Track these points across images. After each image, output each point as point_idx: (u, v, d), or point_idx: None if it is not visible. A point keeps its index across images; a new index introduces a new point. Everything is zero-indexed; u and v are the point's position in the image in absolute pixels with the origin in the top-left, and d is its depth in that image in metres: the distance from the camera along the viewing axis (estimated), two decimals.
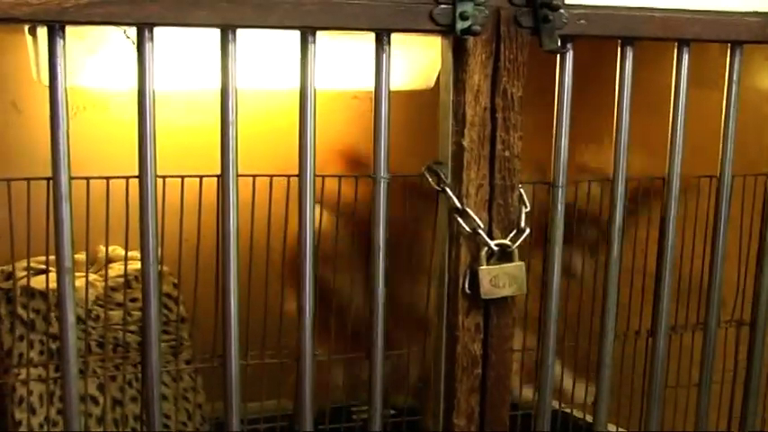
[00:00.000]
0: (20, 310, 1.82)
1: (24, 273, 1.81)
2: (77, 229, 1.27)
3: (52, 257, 1.26)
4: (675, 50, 1.47)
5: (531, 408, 1.51)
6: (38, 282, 1.81)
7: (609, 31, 1.39)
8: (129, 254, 1.90)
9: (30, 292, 1.81)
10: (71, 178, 1.21)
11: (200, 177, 1.32)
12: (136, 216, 1.24)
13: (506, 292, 1.37)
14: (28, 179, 1.27)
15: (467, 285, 1.36)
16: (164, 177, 1.25)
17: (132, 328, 1.88)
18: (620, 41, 1.42)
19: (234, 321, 1.29)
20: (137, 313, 1.89)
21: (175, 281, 1.98)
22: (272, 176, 1.42)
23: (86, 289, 1.70)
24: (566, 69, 1.39)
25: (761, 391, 1.66)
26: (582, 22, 1.36)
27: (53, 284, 1.58)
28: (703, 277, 1.59)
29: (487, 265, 1.35)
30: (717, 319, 1.58)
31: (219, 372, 1.32)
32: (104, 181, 1.33)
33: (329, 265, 1.66)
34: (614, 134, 1.45)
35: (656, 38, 1.44)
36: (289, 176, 1.34)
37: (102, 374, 1.82)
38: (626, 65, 1.43)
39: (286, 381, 1.58)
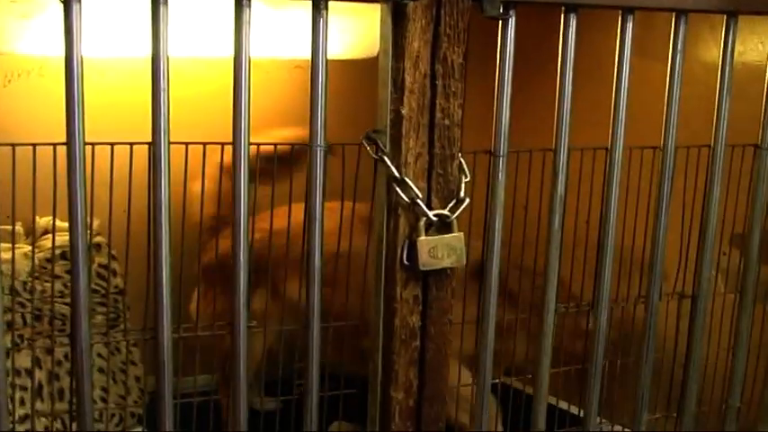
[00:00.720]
0: None
1: None
2: (5, 200, 1.23)
3: None
4: (619, 18, 1.44)
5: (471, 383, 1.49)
6: None
7: None
8: (62, 224, 1.86)
9: None
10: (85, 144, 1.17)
11: (131, 144, 1.27)
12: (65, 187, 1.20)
13: (445, 263, 1.34)
14: None
15: (405, 257, 1.33)
16: (92, 144, 1.20)
17: (67, 299, 1.83)
18: (563, 8, 1.39)
19: (165, 293, 1.26)
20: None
21: (114, 252, 1.94)
22: (205, 144, 1.38)
23: (12, 260, 1.65)
24: (507, 36, 1.36)
25: (701, 364, 1.65)
26: None
27: None
28: (645, 250, 1.57)
29: (426, 235, 1.32)
30: (659, 291, 1.57)
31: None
32: (31, 148, 1.28)
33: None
34: (557, 103, 1.42)
35: (601, 5, 1.42)
36: (222, 144, 1.29)
37: (33, 346, 1.78)
38: (569, 33, 1.40)
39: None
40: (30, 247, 1.88)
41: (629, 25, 1.44)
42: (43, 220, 1.92)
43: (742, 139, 1.60)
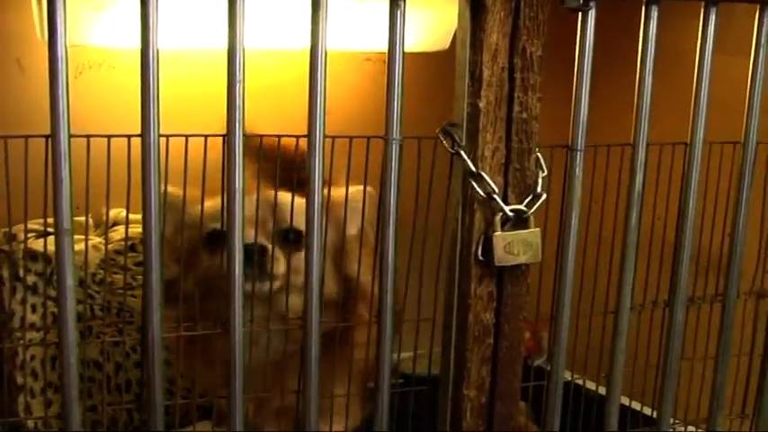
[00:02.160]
0: (21, 273, 1.78)
1: (24, 235, 1.76)
2: (78, 192, 1.22)
3: (51, 219, 1.21)
4: (702, 11, 1.40)
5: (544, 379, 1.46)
6: (38, 244, 1.77)
7: None
8: (133, 216, 1.85)
9: (31, 255, 1.76)
10: (70, 136, 1.15)
11: (205, 137, 1.25)
12: (138, 178, 1.19)
13: (521, 259, 1.31)
14: (26, 136, 1.21)
15: (480, 252, 1.31)
16: (167, 136, 1.19)
17: (136, 292, 1.83)
18: (644, 1, 1.36)
19: (238, 287, 1.24)
20: (141, 277, 1.84)
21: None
22: (279, 136, 1.36)
23: (86, 252, 1.64)
24: (587, 28, 1.32)
25: None
26: None
27: (53, 247, 1.54)
28: (723, 247, 1.53)
29: (502, 231, 1.30)
30: (736, 290, 1.53)
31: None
32: (106, 140, 1.26)
33: None
34: (636, 97, 1.39)
35: None
36: (297, 137, 1.27)
37: (104, 338, 1.77)
38: (650, 25, 1.36)
39: None
40: (99, 239, 1.88)
41: (713, 18, 1.40)
42: (112, 212, 1.91)
43: None
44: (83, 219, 1.71)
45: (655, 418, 1.54)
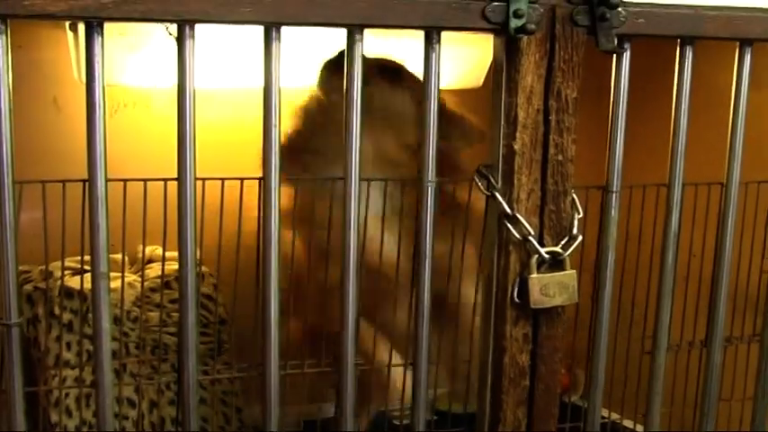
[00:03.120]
0: (56, 311, 1.78)
1: (61, 273, 1.76)
2: (114, 229, 1.22)
3: (88, 257, 1.21)
4: (737, 50, 1.40)
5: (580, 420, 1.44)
6: (74, 282, 1.77)
7: (669, 30, 1.32)
8: (168, 254, 1.86)
9: (67, 293, 1.76)
10: (107, 180, 1.16)
11: (241, 180, 1.26)
12: (173, 216, 1.19)
13: (557, 301, 1.30)
14: (63, 181, 1.22)
15: (515, 294, 1.30)
16: (203, 180, 1.20)
17: (171, 329, 1.83)
18: (679, 41, 1.35)
19: (274, 331, 1.24)
20: (176, 315, 1.84)
21: (215, 282, 1.93)
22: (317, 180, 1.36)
23: (122, 290, 1.65)
24: (622, 70, 1.32)
25: None
26: (641, 20, 1.29)
27: (89, 285, 1.55)
28: (761, 286, 1.52)
29: (538, 273, 1.29)
30: None
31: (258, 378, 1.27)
32: (142, 182, 1.27)
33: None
34: (671, 137, 1.38)
35: (718, 37, 1.37)
36: (334, 179, 1.27)
37: (139, 378, 1.77)
38: (685, 65, 1.36)
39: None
40: (134, 276, 1.88)
41: (747, 57, 1.40)
42: (147, 249, 1.92)
43: None
44: (118, 256, 1.72)
45: None
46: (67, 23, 1.62)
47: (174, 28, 1.51)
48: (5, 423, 1.22)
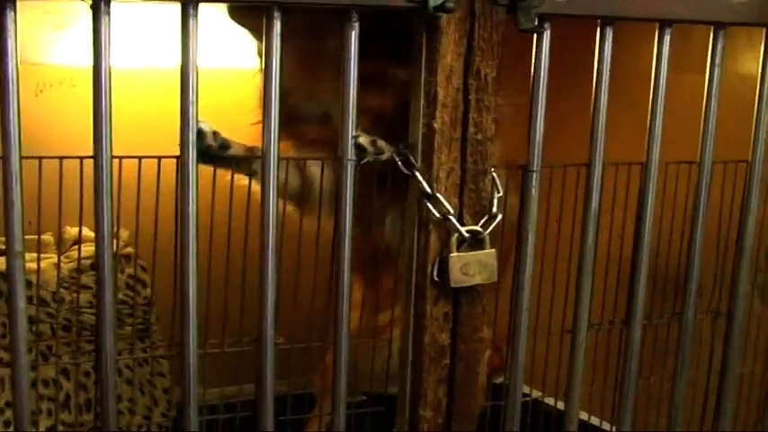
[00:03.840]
0: None
1: None
2: (34, 211, 1.21)
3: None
4: (657, 32, 1.40)
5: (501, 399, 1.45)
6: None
7: (589, 10, 1.33)
8: (87, 234, 1.84)
9: None
10: (22, 157, 1.14)
11: (159, 158, 1.24)
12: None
13: (477, 280, 1.30)
14: None
15: (435, 273, 1.29)
16: (120, 158, 1.18)
17: (94, 311, 1.81)
18: (599, 21, 1.35)
19: (192, 310, 1.23)
20: None
21: (144, 264, 1.91)
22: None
23: (38, 271, 1.63)
24: (542, 50, 1.32)
25: (736, 381, 1.60)
26: (561, 1, 1.29)
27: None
28: (680, 266, 1.53)
29: (458, 252, 1.28)
30: (694, 309, 1.53)
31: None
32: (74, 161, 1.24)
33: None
34: (591, 117, 1.38)
35: (639, 18, 1.37)
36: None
37: (66, 359, 1.76)
38: (605, 46, 1.36)
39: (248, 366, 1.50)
40: (59, 257, 1.86)
41: (667, 38, 1.40)
42: (73, 230, 1.89)
43: None
44: (48, 237, 1.70)
45: None
46: None
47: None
48: None
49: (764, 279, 1.64)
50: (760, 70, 1.49)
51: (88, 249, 1.80)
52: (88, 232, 1.86)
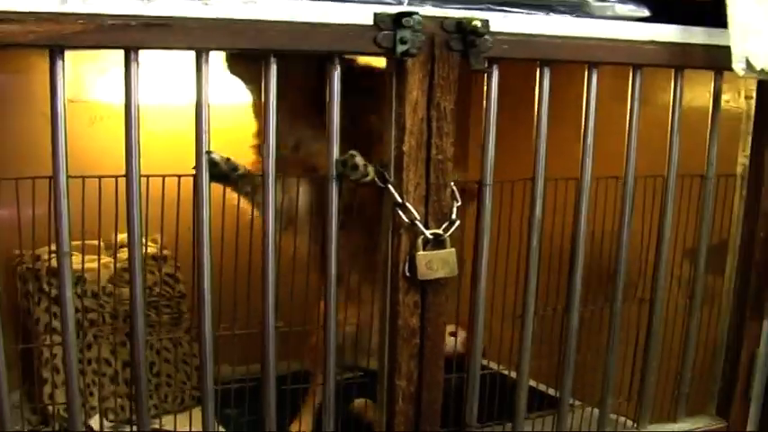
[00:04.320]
0: (45, 287, 1.77)
1: (48, 256, 1.75)
2: (92, 220, 1.22)
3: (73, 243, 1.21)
4: (586, 71, 1.41)
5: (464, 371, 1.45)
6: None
7: (528, 54, 1.34)
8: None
9: (54, 272, 1.75)
10: (68, 177, 1.16)
11: (179, 177, 1.25)
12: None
13: (440, 274, 1.31)
14: (33, 178, 1.21)
15: (406, 269, 1.30)
16: (147, 177, 1.20)
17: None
18: (538, 63, 1.36)
19: (207, 299, 1.24)
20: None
21: (179, 264, 1.92)
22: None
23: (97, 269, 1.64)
24: (492, 85, 1.34)
25: (657, 357, 1.61)
26: (505, 46, 1.30)
27: (75, 266, 1.54)
28: (611, 262, 1.53)
29: (423, 251, 1.29)
30: (621, 297, 1.53)
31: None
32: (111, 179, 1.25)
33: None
34: (534, 141, 1.39)
35: (569, 60, 1.39)
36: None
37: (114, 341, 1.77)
38: (544, 83, 1.37)
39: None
40: (109, 259, 1.87)
41: (594, 77, 1.41)
42: (121, 237, 1.90)
43: (696, 170, 1.56)
44: (95, 242, 1.71)
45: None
46: None
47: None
48: None
49: (680, 272, 1.63)
50: (671, 103, 1.49)
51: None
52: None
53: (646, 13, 1.45)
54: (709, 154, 1.54)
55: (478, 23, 1.25)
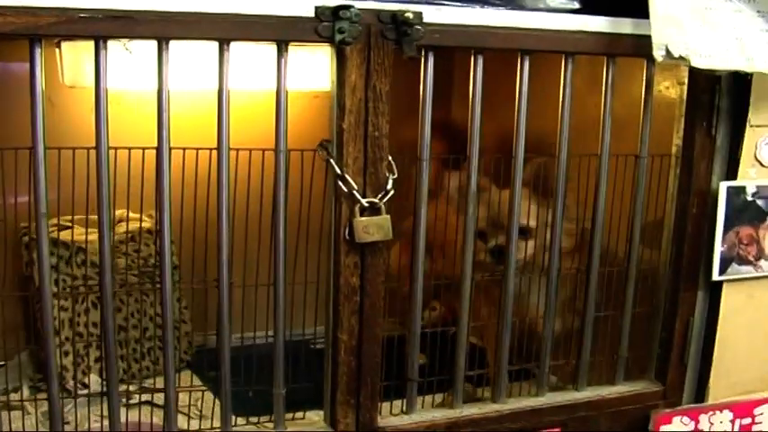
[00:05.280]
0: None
1: (54, 228, 1.92)
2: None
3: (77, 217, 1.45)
4: (519, 59, 1.55)
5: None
6: (64, 235, 1.94)
7: (460, 42, 1.48)
8: (132, 215, 2.03)
9: (55, 242, 1.92)
10: (46, 148, 1.33)
11: (197, 150, 1.41)
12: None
13: (375, 237, 1.46)
14: (16, 148, 1.35)
15: (346, 233, 1.46)
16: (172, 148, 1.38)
17: (134, 272, 2.00)
18: (473, 51, 1.51)
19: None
20: (138, 261, 2.02)
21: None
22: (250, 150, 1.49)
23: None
24: (427, 70, 1.48)
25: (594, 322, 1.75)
26: (437, 35, 1.45)
27: (76, 237, 1.78)
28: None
29: (360, 217, 1.45)
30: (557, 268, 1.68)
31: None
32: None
33: None
34: (469, 122, 1.55)
35: (501, 48, 1.52)
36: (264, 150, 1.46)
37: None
38: (477, 69, 1.52)
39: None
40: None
41: (527, 63, 1.55)
42: (118, 212, 2.06)
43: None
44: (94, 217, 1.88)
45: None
46: (54, 41, 1.79)
47: (130, 45, 1.69)
48: None
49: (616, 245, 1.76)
50: (603, 88, 1.63)
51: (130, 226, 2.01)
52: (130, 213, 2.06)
53: (576, 5, 1.58)
54: (642, 135, 1.68)
55: (410, 15, 1.41)
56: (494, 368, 1.71)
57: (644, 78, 1.66)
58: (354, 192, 1.44)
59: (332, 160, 1.45)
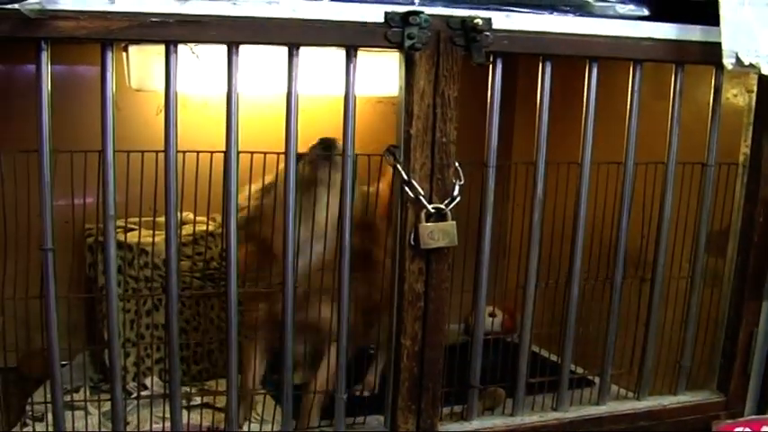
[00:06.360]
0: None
1: (119, 230, 1.92)
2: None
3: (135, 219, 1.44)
4: (587, 65, 1.53)
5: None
6: (128, 237, 1.95)
7: (528, 49, 1.47)
8: (198, 218, 2.03)
9: (119, 245, 1.92)
10: (177, 152, 1.35)
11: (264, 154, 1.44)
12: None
13: (441, 243, 1.44)
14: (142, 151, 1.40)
15: (412, 239, 1.44)
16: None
17: (197, 275, 2.00)
18: (541, 57, 1.49)
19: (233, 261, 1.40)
20: (201, 264, 2.01)
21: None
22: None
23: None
24: (496, 76, 1.47)
25: (658, 333, 1.72)
26: (505, 42, 1.43)
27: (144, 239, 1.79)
28: (611, 242, 1.64)
29: (426, 223, 1.43)
30: (622, 275, 1.65)
31: None
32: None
33: None
34: (536, 127, 1.53)
35: (569, 55, 1.50)
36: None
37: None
38: (545, 75, 1.50)
39: None
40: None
41: (595, 70, 1.53)
42: (184, 214, 2.06)
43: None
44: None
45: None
46: (122, 45, 1.79)
47: (197, 49, 1.69)
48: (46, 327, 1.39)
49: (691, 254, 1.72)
50: (671, 95, 1.60)
51: (191, 228, 2.01)
52: (191, 215, 2.06)
53: (645, 12, 1.56)
54: (710, 143, 1.65)
55: (480, 21, 1.39)
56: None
57: (712, 86, 1.62)
58: (421, 197, 1.43)
59: (399, 166, 1.43)
